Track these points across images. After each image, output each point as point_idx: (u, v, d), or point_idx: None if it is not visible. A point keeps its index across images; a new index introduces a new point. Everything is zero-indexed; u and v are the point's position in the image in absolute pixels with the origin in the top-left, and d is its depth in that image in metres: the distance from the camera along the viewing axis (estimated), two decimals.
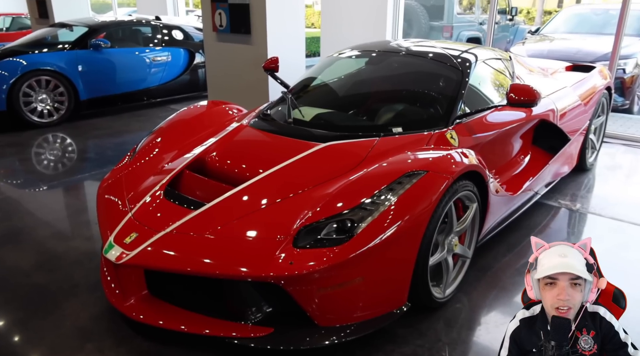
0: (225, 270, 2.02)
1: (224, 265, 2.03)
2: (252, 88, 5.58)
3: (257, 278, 1.99)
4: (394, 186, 2.20)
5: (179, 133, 3.14)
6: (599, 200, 3.92)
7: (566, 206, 3.82)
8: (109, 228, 2.39)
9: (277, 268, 1.98)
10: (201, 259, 2.07)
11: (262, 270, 1.98)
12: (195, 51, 7.37)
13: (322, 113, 3.16)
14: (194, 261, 2.07)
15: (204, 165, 2.77)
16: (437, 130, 2.80)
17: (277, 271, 1.97)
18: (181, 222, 2.26)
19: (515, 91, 2.79)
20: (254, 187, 2.40)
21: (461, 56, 3.30)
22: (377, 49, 3.61)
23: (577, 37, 8.06)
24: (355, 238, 2.04)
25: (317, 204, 2.18)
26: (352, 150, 2.62)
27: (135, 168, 2.85)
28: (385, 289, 2.19)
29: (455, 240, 2.50)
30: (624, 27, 5.36)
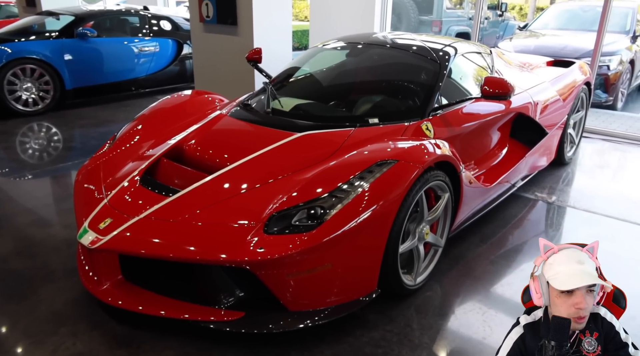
0: (196, 254, 2.05)
1: (195, 250, 2.07)
2: (238, 79, 5.59)
3: (227, 262, 2.02)
4: (365, 174, 2.24)
5: (160, 122, 3.16)
6: (576, 194, 3.99)
7: (542, 199, 3.89)
8: (84, 214, 2.42)
9: (247, 253, 2.02)
10: (175, 244, 2.11)
11: (232, 254, 2.02)
12: (184, 42, 7.35)
13: (302, 104, 3.19)
14: (166, 246, 2.11)
15: (182, 153, 2.80)
16: (413, 122, 2.85)
17: (248, 256, 2.01)
18: (155, 208, 2.29)
19: (489, 84, 2.84)
20: (229, 175, 2.43)
21: (440, 49, 3.34)
22: (360, 41, 3.64)
23: (565, 33, 8.13)
24: (324, 224, 2.08)
25: (289, 191, 2.22)
26: (328, 139, 2.66)
27: (114, 155, 2.87)
28: (355, 275, 2.24)
29: (426, 228, 2.55)
30: (606, 23, 5.43)
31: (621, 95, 7.63)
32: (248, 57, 3.89)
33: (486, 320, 2.43)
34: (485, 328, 2.38)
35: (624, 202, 3.84)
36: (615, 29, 7.93)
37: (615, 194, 4.00)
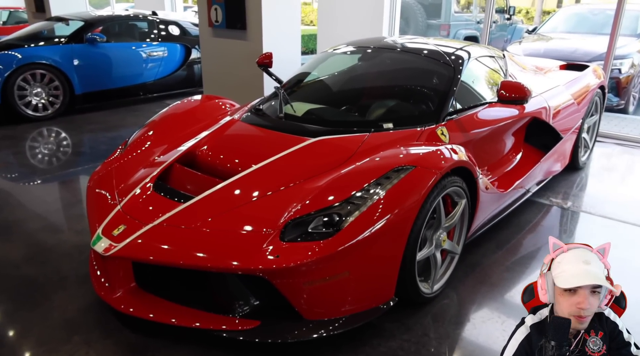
0: (213, 262, 2.02)
1: (211, 257, 2.04)
2: (247, 84, 5.58)
3: (243, 270, 1.99)
4: (382, 181, 2.21)
5: (171, 127, 3.15)
6: (590, 199, 3.93)
7: (557, 204, 3.83)
8: (97, 220, 2.39)
9: (264, 261, 1.98)
10: (188, 252, 2.08)
11: (248, 262, 1.99)
12: (192, 47, 7.36)
13: (314, 108, 3.16)
14: (181, 253, 2.08)
15: (195, 158, 2.77)
16: (428, 126, 2.81)
17: (264, 264, 1.97)
18: (169, 214, 2.26)
19: (506, 88, 2.79)
20: (243, 181, 2.40)
21: (454, 53, 3.30)
22: (371, 45, 3.62)
23: (574, 37, 8.07)
24: (341, 232, 2.04)
25: (305, 197, 2.19)
26: (342, 145, 2.62)
27: (126, 161, 2.85)
28: (372, 283, 2.20)
29: (443, 235, 2.50)
30: (619, 26, 5.37)
31: (633, 98, 7.56)
32: (259, 62, 3.87)
33: (505, 329, 2.38)
34: (505, 338, 2.32)
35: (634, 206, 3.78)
36: (626, 32, 7.85)
37: (629, 199, 3.93)
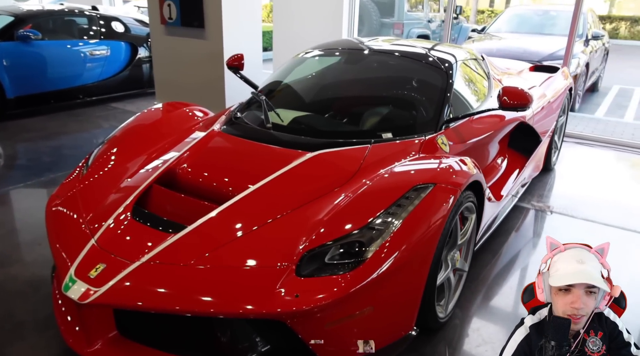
0: (219, 307, 1.72)
1: (218, 301, 1.74)
2: (207, 86, 5.21)
3: (258, 315, 1.71)
4: (402, 202, 2.00)
5: (137, 142, 2.76)
6: (569, 202, 3.92)
7: (539, 208, 3.81)
8: (66, 258, 2.01)
9: (282, 302, 1.71)
10: (189, 295, 1.76)
11: (264, 306, 1.71)
12: (139, 45, 6.81)
13: (300, 116, 2.90)
14: (179, 298, 1.76)
15: (175, 178, 2.43)
16: (428, 136, 2.63)
17: (282, 306, 1.70)
18: (159, 248, 1.93)
19: (509, 94, 2.67)
20: (242, 205, 2.10)
21: (443, 57, 3.15)
22: (348, 48, 3.40)
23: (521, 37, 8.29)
24: (366, 263, 1.81)
25: (319, 225, 1.93)
26: (344, 159, 2.39)
27: (90, 183, 2.45)
28: (394, 316, 1.99)
29: (457, 255, 2.34)
30: (577, 28, 5.50)
31: (578, 97, 7.86)
32: (229, 64, 3.55)
33: None
34: None
35: (615, 208, 3.83)
36: None
37: (606, 201, 3.97)
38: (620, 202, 3.96)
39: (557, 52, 7.58)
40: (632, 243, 3.33)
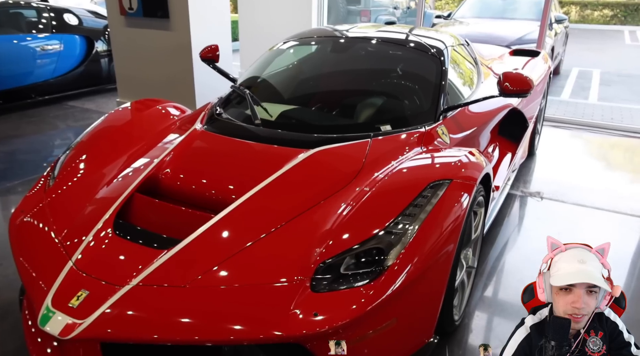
0: (229, 334, 1.51)
1: (226, 327, 1.52)
2: (174, 81, 4.88)
3: (273, 340, 1.51)
4: (420, 201, 1.83)
5: (108, 147, 2.47)
6: (558, 187, 3.87)
7: (530, 194, 3.75)
8: (40, 284, 1.74)
9: (299, 324, 1.52)
10: (191, 322, 1.54)
11: (279, 328, 1.51)
12: (95, 38, 6.36)
13: (289, 111, 2.69)
14: (181, 326, 1.53)
15: (158, 186, 2.18)
16: (428, 127, 2.48)
17: (300, 328, 1.51)
18: (151, 268, 1.69)
19: (510, 80, 2.54)
20: (240, 213, 1.88)
21: (434, 43, 3.00)
22: (332, 36, 3.19)
23: (486, 22, 8.29)
24: (388, 271, 1.64)
25: (331, 232, 1.74)
26: (346, 156, 2.20)
27: (61, 195, 2.17)
28: (416, 324, 1.84)
29: (470, 253, 2.21)
30: (550, 11, 5.48)
31: None
32: (202, 56, 3.29)
33: None
34: None
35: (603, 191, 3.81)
36: (534, 17, 8.24)
37: (592, 184, 3.96)
38: (606, 184, 3.95)
39: (524, 36, 7.61)
40: (625, 227, 3.30)
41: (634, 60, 11.95)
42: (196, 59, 4.72)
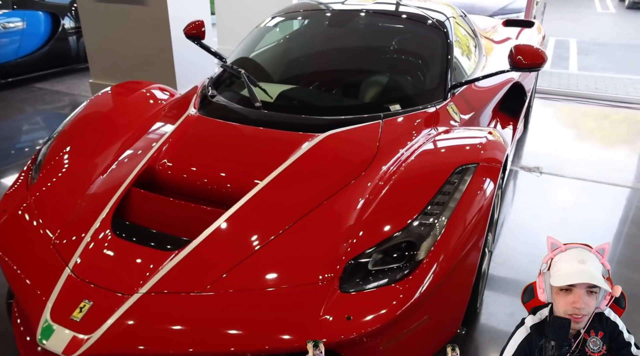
0: (256, 344, 1.38)
1: (250, 336, 1.39)
2: (152, 60, 4.59)
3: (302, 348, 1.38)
4: (447, 188, 1.71)
5: (94, 137, 2.25)
6: (555, 160, 3.83)
7: (529, 170, 3.69)
8: (35, 294, 1.56)
9: (332, 329, 1.40)
10: (214, 332, 1.40)
11: (310, 335, 1.38)
12: (61, 15, 5.93)
13: (289, 91, 2.51)
14: (203, 337, 1.39)
15: (155, 178, 1.99)
16: (438, 105, 2.35)
17: (333, 334, 1.39)
18: (162, 272, 1.53)
19: (524, 54, 2.42)
20: (254, 206, 1.72)
21: (435, 15, 2.84)
22: (327, 9, 2.99)
23: None
24: (422, 266, 1.52)
25: (358, 225, 1.61)
26: (358, 139, 2.06)
27: (47, 191, 1.96)
28: (447, 317, 1.75)
29: (490, 237, 2.11)
30: None
31: None
32: (187, 32, 3.05)
33: None
34: None
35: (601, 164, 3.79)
36: None
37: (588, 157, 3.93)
38: (602, 157, 3.93)
39: (507, 6, 7.51)
40: (625, 199, 3.28)
41: (606, 28, 12.04)
42: (175, 35, 4.44)
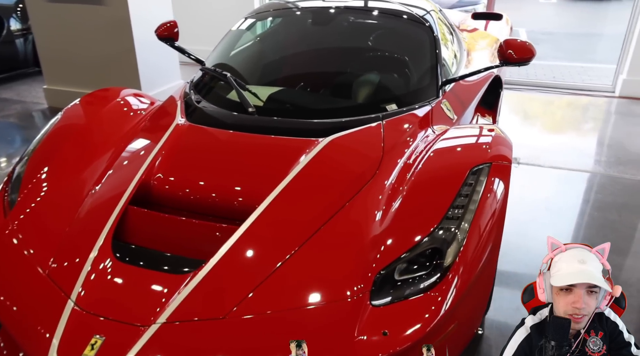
0: None
1: None
2: (113, 62, 4.34)
3: None
4: (465, 191, 1.68)
5: (72, 154, 2.06)
6: (530, 150, 3.92)
7: None
8: (40, 333, 1.41)
9: (369, 347, 1.33)
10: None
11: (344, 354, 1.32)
12: (5, 16, 5.52)
13: (276, 93, 2.41)
14: None
15: (151, 195, 1.85)
16: (433, 103, 2.33)
17: (371, 353, 1.32)
18: (179, 299, 1.41)
19: (514, 48, 2.43)
20: (268, 220, 1.63)
21: (416, 10, 2.81)
22: (308, 7, 2.91)
23: None
24: (451, 272, 1.49)
25: (381, 235, 1.55)
26: (362, 143, 2.00)
27: (29, 216, 1.79)
28: (470, 320, 1.72)
29: None
30: None
31: None
32: (159, 34, 2.90)
33: None
34: None
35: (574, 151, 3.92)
36: None
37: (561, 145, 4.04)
38: (575, 145, 4.06)
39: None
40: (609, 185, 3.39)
41: (550, 18, 12.55)
42: (137, 36, 4.22)
